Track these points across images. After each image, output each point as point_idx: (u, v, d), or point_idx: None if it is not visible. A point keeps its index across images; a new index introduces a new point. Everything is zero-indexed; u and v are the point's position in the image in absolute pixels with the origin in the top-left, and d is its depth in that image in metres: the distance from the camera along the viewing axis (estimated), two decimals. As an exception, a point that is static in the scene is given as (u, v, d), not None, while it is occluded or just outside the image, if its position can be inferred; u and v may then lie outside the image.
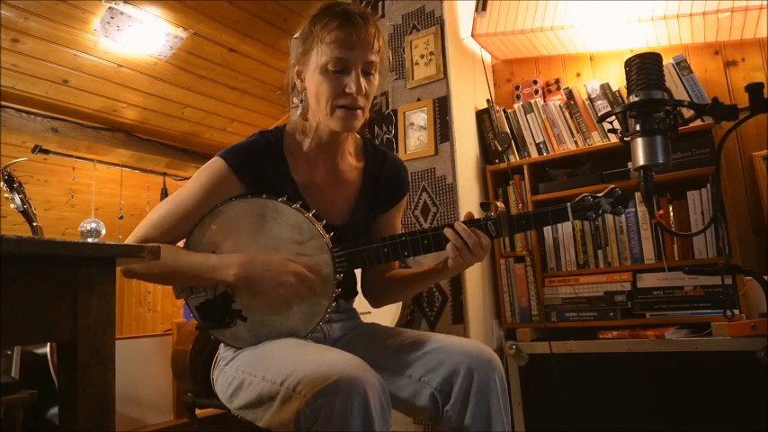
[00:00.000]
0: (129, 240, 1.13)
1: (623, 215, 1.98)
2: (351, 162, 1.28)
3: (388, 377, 1.14)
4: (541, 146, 2.21)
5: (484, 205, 1.16)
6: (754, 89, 1.09)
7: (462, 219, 1.14)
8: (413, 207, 2.18)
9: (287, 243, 1.13)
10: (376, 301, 1.38)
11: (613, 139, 2.03)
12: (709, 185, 1.84)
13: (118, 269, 0.90)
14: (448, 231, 1.11)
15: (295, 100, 1.25)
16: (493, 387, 1.07)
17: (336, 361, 0.94)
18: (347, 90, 1.10)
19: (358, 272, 1.35)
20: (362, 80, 1.12)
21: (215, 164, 1.15)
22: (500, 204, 1.15)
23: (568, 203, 1.13)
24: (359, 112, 1.14)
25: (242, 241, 1.14)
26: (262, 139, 1.19)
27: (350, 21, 1.10)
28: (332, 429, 0.86)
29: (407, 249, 1.14)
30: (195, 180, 1.16)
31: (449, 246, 1.11)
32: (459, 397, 1.07)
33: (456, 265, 1.13)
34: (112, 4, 2.71)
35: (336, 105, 1.12)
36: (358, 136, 1.32)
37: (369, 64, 1.13)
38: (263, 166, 1.17)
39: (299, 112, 1.21)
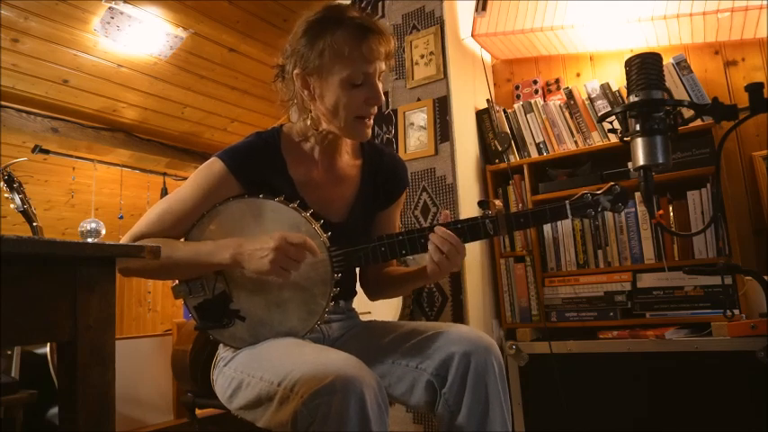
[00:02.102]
0: (126, 238, 1.14)
1: (623, 215, 1.98)
2: (348, 160, 1.29)
3: (385, 369, 1.14)
4: (541, 146, 2.21)
5: (482, 204, 1.16)
6: (754, 89, 1.09)
7: (440, 221, 1.13)
8: (413, 207, 2.18)
9: None
10: (373, 296, 1.39)
11: (613, 139, 2.03)
12: (709, 185, 1.84)
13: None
14: (430, 244, 1.10)
15: (295, 103, 1.23)
16: (490, 371, 1.07)
17: (333, 361, 0.94)
18: (371, 102, 1.14)
19: (357, 272, 1.36)
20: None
21: (213, 165, 1.15)
22: (498, 203, 1.15)
23: (567, 201, 1.13)
24: (372, 119, 1.18)
25: None
26: (259, 140, 1.19)
27: (372, 35, 1.11)
28: (329, 429, 0.86)
29: (405, 248, 1.14)
30: (193, 181, 1.16)
31: (429, 251, 1.10)
32: (456, 380, 1.07)
33: (433, 272, 1.11)
34: (112, 4, 2.71)
35: (357, 116, 1.15)
36: None
37: (381, 72, 1.16)
38: (260, 166, 1.17)
39: (299, 115, 1.21)
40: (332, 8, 1.15)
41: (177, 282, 1.16)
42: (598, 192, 1.14)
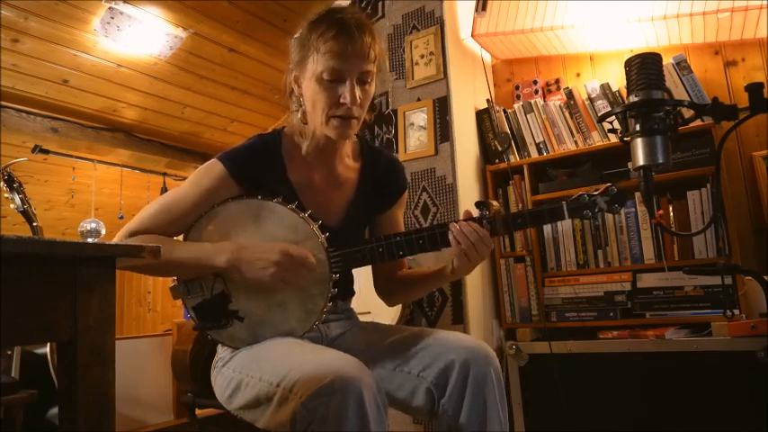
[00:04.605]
0: (122, 232, 1.14)
1: (623, 215, 1.98)
2: (348, 163, 1.29)
3: (385, 374, 1.14)
4: (541, 146, 2.21)
5: (480, 204, 1.15)
6: (754, 89, 1.09)
7: (462, 218, 1.14)
8: (413, 207, 2.18)
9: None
10: (390, 300, 1.39)
11: (613, 139, 2.03)
12: (709, 185, 1.84)
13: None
14: (450, 235, 1.11)
15: (294, 104, 1.24)
16: (489, 381, 1.07)
17: (332, 361, 0.94)
18: (342, 101, 1.11)
19: (356, 272, 1.35)
20: (357, 90, 1.12)
21: (213, 167, 1.15)
22: (496, 203, 1.15)
23: (564, 202, 1.14)
24: (353, 121, 1.15)
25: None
26: (260, 143, 1.20)
27: (345, 31, 1.09)
28: (328, 429, 0.86)
29: (402, 249, 1.14)
30: (192, 181, 1.16)
31: (454, 247, 1.11)
32: (455, 390, 1.07)
33: (461, 265, 1.13)
34: (112, 4, 2.71)
35: (331, 115, 1.13)
36: (354, 136, 1.32)
37: (365, 74, 1.13)
38: (260, 169, 1.17)
39: (299, 116, 1.22)
40: (330, 9, 1.15)
41: (176, 282, 1.17)
42: (595, 193, 1.14)
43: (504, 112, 2.32)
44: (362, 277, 1.38)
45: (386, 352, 1.17)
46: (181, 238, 1.18)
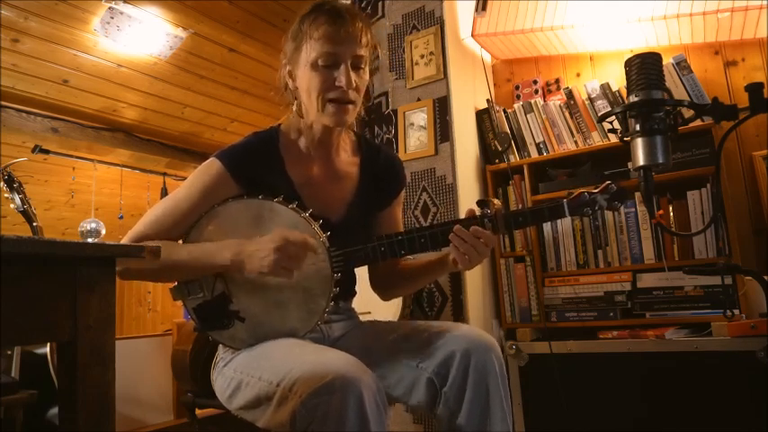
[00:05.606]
0: (126, 240, 1.13)
1: (623, 215, 1.98)
2: (346, 158, 1.29)
3: (385, 369, 1.14)
4: (541, 146, 2.21)
5: (481, 203, 1.15)
6: (754, 89, 1.09)
7: (464, 216, 1.14)
8: (413, 207, 2.18)
9: None
10: (385, 294, 1.39)
11: (613, 139, 2.03)
12: (709, 185, 1.84)
13: (117, 269, 0.89)
14: (452, 236, 1.11)
15: (289, 99, 1.25)
16: (491, 369, 1.07)
17: (332, 360, 0.94)
18: (337, 83, 1.12)
19: (358, 271, 1.35)
20: (352, 74, 1.13)
21: (211, 165, 1.16)
22: (497, 202, 1.15)
23: (565, 199, 1.14)
24: (350, 106, 1.15)
25: None
26: (256, 140, 1.20)
27: (338, 16, 1.12)
28: (328, 429, 0.86)
29: (404, 248, 1.14)
30: (192, 181, 1.16)
31: (453, 249, 1.11)
32: (457, 379, 1.07)
33: (463, 266, 1.13)
34: (112, 4, 2.71)
35: (327, 99, 1.13)
36: (352, 132, 1.33)
37: (358, 58, 1.15)
38: (258, 166, 1.17)
39: (294, 109, 1.22)
40: (320, 1, 1.17)
41: (176, 283, 1.16)
42: (595, 190, 1.14)
43: (504, 112, 2.32)
44: (361, 277, 1.38)
45: (387, 347, 1.18)
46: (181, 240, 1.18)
